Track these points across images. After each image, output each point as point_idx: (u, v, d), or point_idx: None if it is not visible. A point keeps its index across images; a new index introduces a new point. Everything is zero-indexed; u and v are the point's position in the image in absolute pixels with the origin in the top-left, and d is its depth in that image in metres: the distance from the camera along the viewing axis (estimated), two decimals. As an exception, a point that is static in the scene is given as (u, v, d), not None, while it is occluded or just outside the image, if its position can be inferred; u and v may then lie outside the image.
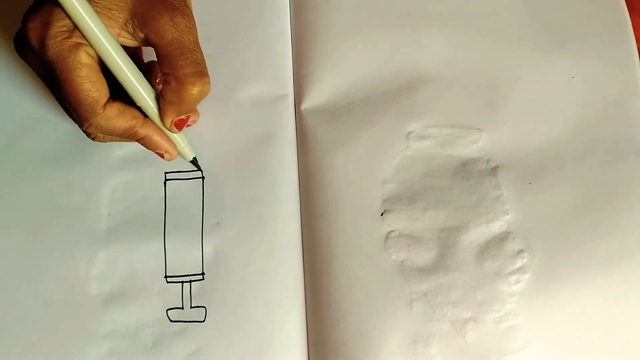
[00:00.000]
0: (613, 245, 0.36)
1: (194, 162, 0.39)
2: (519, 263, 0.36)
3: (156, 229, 0.39)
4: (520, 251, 0.36)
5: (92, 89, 0.30)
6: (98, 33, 0.29)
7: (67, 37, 0.29)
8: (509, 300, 0.36)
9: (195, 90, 0.31)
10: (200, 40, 0.35)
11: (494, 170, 0.38)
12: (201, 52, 0.32)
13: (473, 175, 0.38)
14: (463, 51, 0.41)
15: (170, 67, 0.31)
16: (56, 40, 0.29)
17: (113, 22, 0.30)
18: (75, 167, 0.40)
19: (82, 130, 0.33)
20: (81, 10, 0.28)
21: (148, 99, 0.33)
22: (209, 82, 0.32)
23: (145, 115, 0.34)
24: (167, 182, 0.40)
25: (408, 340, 0.35)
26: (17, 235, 0.39)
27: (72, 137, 0.41)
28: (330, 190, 0.38)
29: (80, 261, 0.39)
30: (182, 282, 0.38)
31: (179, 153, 0.38)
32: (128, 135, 0.33)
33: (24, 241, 0.39)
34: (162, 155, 0.36)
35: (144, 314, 0.38)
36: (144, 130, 0.34)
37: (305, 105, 0.41)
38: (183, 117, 0.34)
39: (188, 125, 0.36)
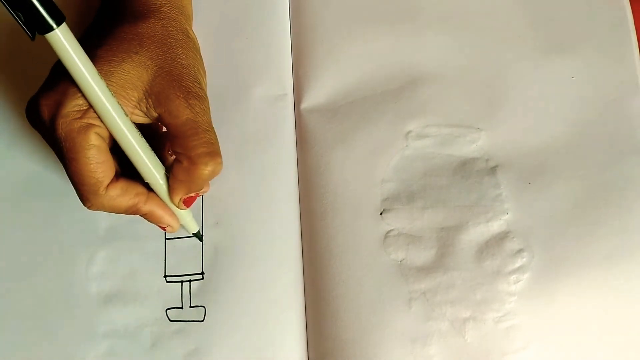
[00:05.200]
0: (613, 245, 0.36)
1: (198, 235, 0.38)
2: (518, 262, 0.36)
3: (156, 228, 0.39)
4: (520, 250, 0.36)
5: (97, 170, 0.29)
6: (113, 114, 0.28)
7: (79, 118, 0.28)
8: (508, 299, 0.35)
9: (207, 170, 0.31)
10: (200, 41, 0.34)
11: (493, 170, 0.38)
12: (214, 133, 0.32)
13: (472, 174, 0.38)
14: (462, 50, 0.41)
15: (183, 147, 0.30)
16: (67, 120, 0.28)
17: (127, 101, 0.30)
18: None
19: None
20: (97, 91, 0.27)
21: (158, 177, 0.32)
22: (221, 162, 0.32)
23: (149, 190, 0.33)
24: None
25: (407, 340, 0.35)
26: (16, 234, 0.39)
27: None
28: (330, 190, 0.38)
29: (79, 260, 0.39)
30: (182, 281, 0.38)
31: (182, 226, 0.36)
32: (130, 213, 0.33)
33: (22, 240, 0.39)
34: (164, 229, 0.35)
35: (144, 314, 0.38)
36: (147, 207, 0.33)
37: (305, 104, 0.41)
38: (192, 194, 0.33)
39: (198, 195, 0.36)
